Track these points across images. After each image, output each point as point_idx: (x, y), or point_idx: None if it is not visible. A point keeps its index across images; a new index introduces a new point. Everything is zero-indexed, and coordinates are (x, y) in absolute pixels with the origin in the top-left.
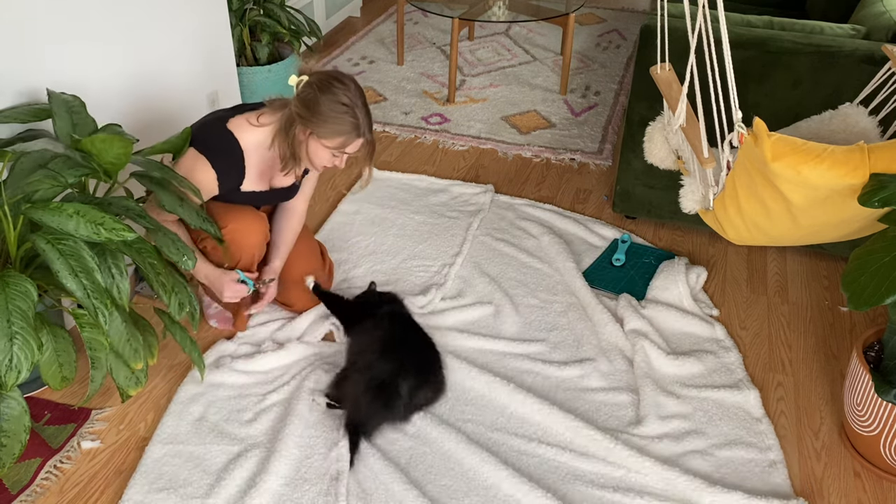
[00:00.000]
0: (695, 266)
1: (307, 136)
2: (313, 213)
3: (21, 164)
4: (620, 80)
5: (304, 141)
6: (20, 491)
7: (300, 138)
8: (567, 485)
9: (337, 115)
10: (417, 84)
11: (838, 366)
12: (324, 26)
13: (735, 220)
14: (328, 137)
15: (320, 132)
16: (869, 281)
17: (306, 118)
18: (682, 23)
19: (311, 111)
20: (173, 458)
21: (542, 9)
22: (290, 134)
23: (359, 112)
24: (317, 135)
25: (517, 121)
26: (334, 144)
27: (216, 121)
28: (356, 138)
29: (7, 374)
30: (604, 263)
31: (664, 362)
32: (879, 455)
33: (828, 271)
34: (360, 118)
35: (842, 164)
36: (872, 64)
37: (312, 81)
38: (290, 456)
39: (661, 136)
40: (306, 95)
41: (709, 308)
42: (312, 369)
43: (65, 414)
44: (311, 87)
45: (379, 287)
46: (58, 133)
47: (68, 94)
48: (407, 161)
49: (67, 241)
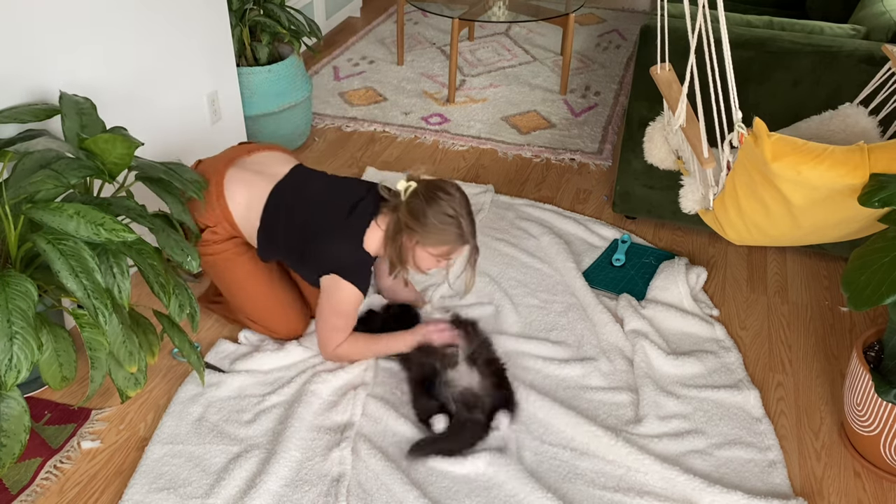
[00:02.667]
0: (695, 266)
1: (413, 244)
2: None
3: (23, 164)
4: (620, 81)
5: (411, 248)
6: (20, 491)
7: (407, 245)
8: (567, 483)
9: (443, 227)
10: (417, 84)
11: (838, 366)
12: (324, 26)
13: (735, 221)
14: (434, 246)
15: (426, 241)
16: (869, 281)
17: (413, 228)
18: (682, 23)
19: (418, 221)
20: (173, 458)
21: (542, 9)
22: (399, 241)
23: (463, 222)
24: (422, 244)
25: (517, 121)
26: (440, 252)
27: (351, 239)
28: (461, 246)
29: (7, 373)
30: (604, 264)
31: (664, 362)
32: (879, 455)
33: (828, 271)
34: (465, 228)
35: (842, 164)
36: (872, 64)
37: (420, 191)
38: (290, 458)
39: (661, 137)
40: (415, 206)
41: (709, 308)
42: (314, 372)
43: (65, 414)
44: (418, 197)
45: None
46: (66, 133)
47: (80, 97)
48: (407, 161)
49: (68, 242)
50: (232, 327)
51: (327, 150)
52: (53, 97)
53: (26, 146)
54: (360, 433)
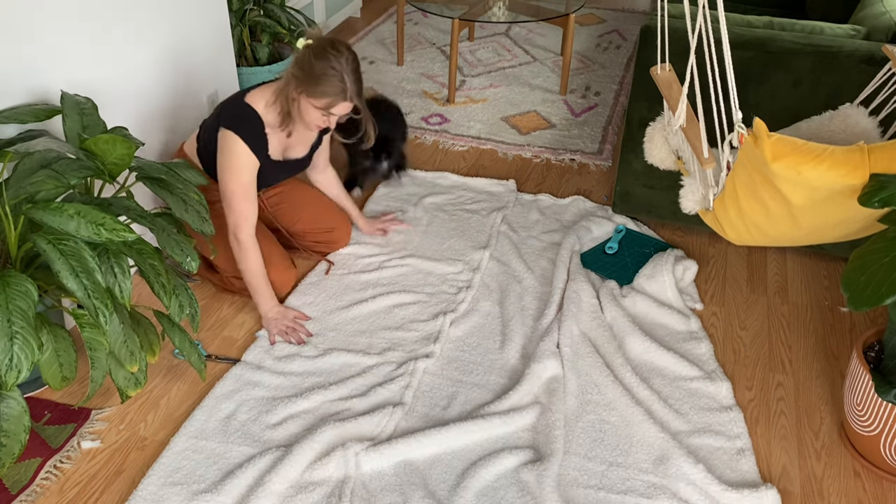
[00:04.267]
0: (685, 259)
1: (299, 94)
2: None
3: (24, 165)
4: (620, 81)
5: (297, 99)
6: (20, 491)
7: (293, 96)
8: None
9: (326, 78)
10: (417, 84)
11: (838, 366)
12: (324, 26)
13: (735, 221)
14: (316, 97)
15: (309, 91)
16: (869, 281)
17: (300, 78)
18: (682, 23)
19: (303, 71)
20: (194, 453)
21: (542, 9)
22: (286, 92)
23: (347, 77)
24: (307, 94)
25: (517, 121)
26: (321, 104)
27: (235, 96)
28: (342, 101)
29: (7, 373)
30: (598, 251)
31: (640, 351)
32: (879, 455)
33: (828, 271)
34: (348, 83)
35: (842, 164)
36: (872, 64)
37: (311, 46)
38: (301, 461)
39: (661, 137)
40: (303, 58)
41: (692, 301)
42: (354, 385)
43: (65, 414)
44: (308, 50)
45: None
46: (67, 133)
47: (81, 96)
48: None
49: (68, 242)
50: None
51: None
52: (54, 97)
53: (27, 146)
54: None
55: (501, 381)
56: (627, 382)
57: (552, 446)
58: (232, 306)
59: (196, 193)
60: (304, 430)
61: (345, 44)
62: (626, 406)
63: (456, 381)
